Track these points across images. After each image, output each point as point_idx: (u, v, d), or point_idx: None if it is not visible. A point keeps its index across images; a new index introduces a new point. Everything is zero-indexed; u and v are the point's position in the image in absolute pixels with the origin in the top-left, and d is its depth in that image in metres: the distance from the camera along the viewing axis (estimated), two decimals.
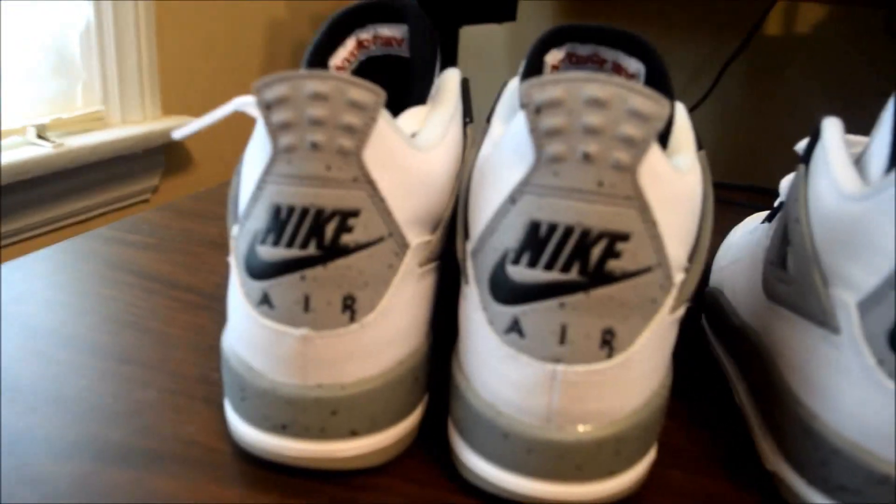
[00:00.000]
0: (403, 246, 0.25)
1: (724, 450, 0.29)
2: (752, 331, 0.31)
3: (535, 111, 0.21)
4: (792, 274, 0.26)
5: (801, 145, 0.31)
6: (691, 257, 0.24)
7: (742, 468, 0.28)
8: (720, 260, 0.41)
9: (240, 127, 1.10)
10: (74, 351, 0.33)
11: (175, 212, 0.54)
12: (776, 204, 0.36)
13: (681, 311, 0.24)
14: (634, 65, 0.28)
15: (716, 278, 0.40)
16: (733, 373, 0.33)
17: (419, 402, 0.27)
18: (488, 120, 0.29)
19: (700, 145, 0.28)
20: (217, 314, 0.38)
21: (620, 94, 0.20)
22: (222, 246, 0.48)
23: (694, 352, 0.38)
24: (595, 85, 0.21)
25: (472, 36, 1.09)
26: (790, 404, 0.25)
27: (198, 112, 0.99)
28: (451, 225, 0.28)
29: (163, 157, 0.94)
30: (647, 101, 0.20)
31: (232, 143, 1.04)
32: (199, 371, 0.32)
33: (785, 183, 0.35)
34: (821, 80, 0.81)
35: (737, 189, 0.76)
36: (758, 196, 0.74)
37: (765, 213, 0.43)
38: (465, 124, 0.30)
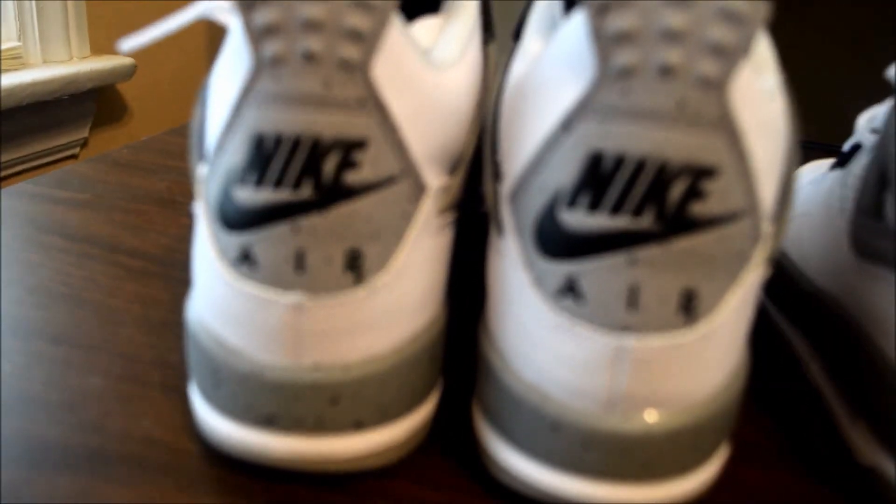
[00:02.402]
0: (420, 188, 0.22)
1: (803, 441, 0.28)
2: (831, 297, 0.29)
3: (600, 10, 0.18)
4: (893, 225, 0.24)
5: (892, 71, 0.29)
6: (779, 203, 0.22)
7: (827, 463, 0.27)
8: None
9: (185, 71, 1.05)
10: None
11: (111, 164, 0.51)
12: (847, 147, 0.34)
13: (766, 272, 0.22)
14: None
15: None
16: (804, 348, 0.31)
17: (435, 387, 0.25)
18: (515, 36, 0.27)
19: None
20: (171, 282, 0.35)
21: None
22: (171, 203, 0.45)
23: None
24: None
25: None
26: (893, 385, 0.23)
27: (136, 51, 0.94)
28: (473, 167, 0.25)
29: (93, 104, 0.89)
30: None
31: (175, 90, 1.00)
32: (152, 352, 0.30)
33: (863, 120, 0.33)
34: (853, 14, 0.79)
35: None
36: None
37: (823, 162, 0.41)
38: (485, 42, 0.28)
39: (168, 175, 0.49)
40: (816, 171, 0.38)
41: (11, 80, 0.75)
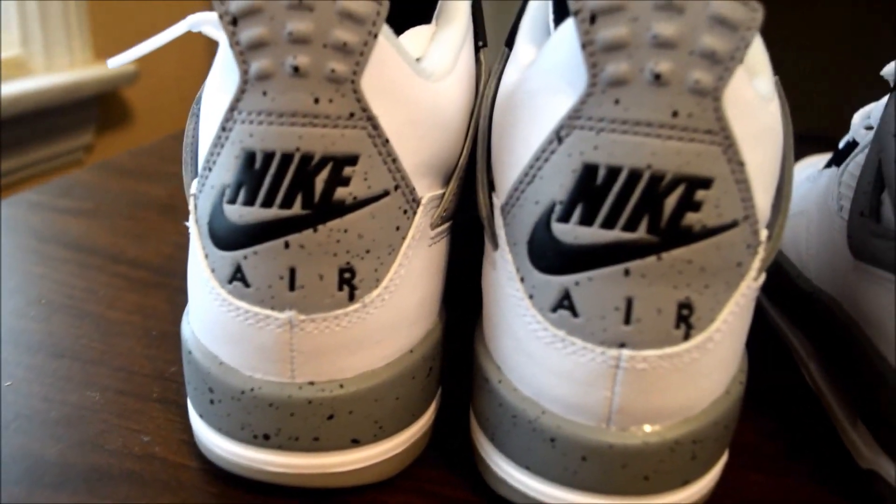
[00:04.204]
0: (413, 201, 0.21)
1: (804, 445, 0.27)
2: (829, 298, 0.28)
3: (590, 19, 0.18)
4: (891, 226, 0.24)
5: (890, 69, 0.28)
6: (775, 209, 0.21)
7: (828, 466, 0.26)
8: None
9: (187, 76, 1.04)
10: None
11: (114, 171, 0.50)
12: (842, 145, 0.33)
13: (762, 279, 0.21)
14: None
15: None
16: (802, 349, 0.31)
17: (433, 398, 0.24)
18: (508, 44, 0.26)
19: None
20: (171, 292, 0.35)
21: None
22: (173, 209, 0.44)
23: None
24: None
25: None
26: (893, 388, 0.23)
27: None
28: (467, 175, 0.25)
29: (96, 109, 0.88)
30: (734, 5, 0.17)
31: (179, 93, 0.99)
32: (151, 365, 0.29)
33: (857, 118, 0.32)
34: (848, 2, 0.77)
35: None
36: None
37: (820, 157, 0.40)
38: (477, 49, 0.27)
39: (169, 181, 0.48)
40: (812, 168, 0.37)
41: (16, 88, 0.74)
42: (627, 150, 0.18)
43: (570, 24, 0.19)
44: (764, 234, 0.20)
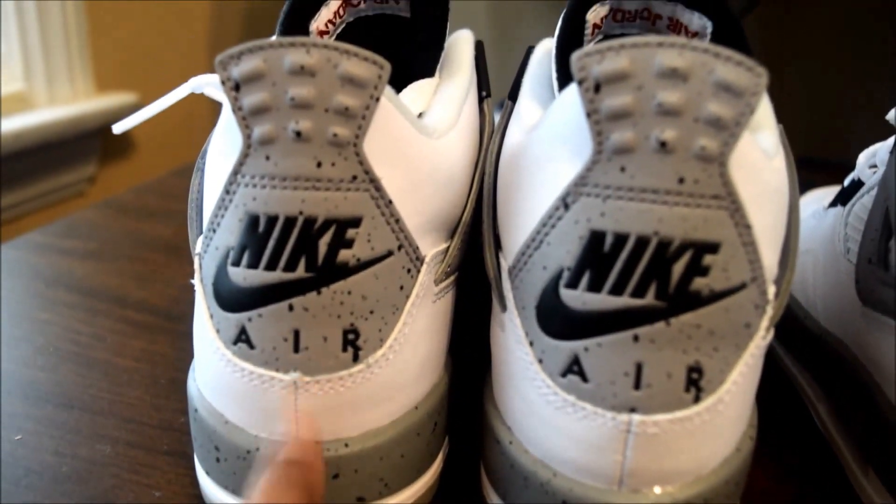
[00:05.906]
0: (417, 260, 0.21)
1: (815, 490, 0.27)
2: (837, 340, 0.28)
3: (594, 88, 0.17)
4: None
5: (894, 114, 0.28)
6: (782, 264, 0.21)
7: None
8: None
9: (191, 104, 1.04)
10: (1, 394, 0.30)
11: (118, 209, 0.50)
12: (847, 182, 0.33)
13: (771, 335, 0.21)
14: (697, 20, 0.24)
15: None
16: (811, 391, 0.30)
17: (438, 453, 0.24)
18: (511, 97, 0.26)
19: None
20: (177, 337, 0.34)
21: (704, 61, 0.17)
22: (177, 250, 0.44)
23: None
24: (670, 52, 0.17)
25: None
26: None
27: (138, 87, 0.92)
28: (472, 228, 0.25)
29: (99, 141, 0.88)
30: (738, 71, 0.17)
31: (180, 124, 0.99)
32: (160, 415, 0.29)
33: (863, 158, 0.32)
34: (850, 32, 0.77)
35: None
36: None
37: (824, 192, 0.40)
38: (481, 99, 0.27)
39: (173, 220, 0.48)
40: (816, 204, 0.37)
41: (19, 122, 0.73)
42: (634, 216, 0.18)
43: (573, 90, 0.19)
44: (772, 290, 0.20)
